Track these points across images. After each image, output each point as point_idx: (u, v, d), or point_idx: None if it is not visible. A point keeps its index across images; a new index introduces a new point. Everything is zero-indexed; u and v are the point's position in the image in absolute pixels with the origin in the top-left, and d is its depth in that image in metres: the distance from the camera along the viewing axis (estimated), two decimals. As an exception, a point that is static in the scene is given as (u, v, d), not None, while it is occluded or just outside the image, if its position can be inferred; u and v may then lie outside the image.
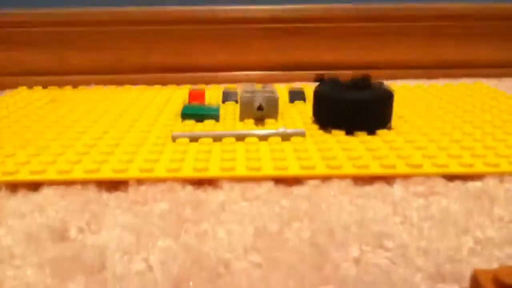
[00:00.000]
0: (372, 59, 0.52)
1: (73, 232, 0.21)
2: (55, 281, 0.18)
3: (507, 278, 0.16)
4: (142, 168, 0.26)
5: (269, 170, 0.26)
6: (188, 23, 0.50)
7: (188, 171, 0.26)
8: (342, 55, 0.52)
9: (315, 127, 0.33)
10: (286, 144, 0.30)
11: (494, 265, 0.19)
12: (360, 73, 0.49)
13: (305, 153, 0.28)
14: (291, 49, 0.52)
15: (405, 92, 0.44)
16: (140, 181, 0.25)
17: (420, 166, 0.26)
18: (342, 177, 0.26)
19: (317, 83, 0.43)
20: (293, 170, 0.26)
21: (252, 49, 0.52)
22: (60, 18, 0.50)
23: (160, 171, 0.26)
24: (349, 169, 0.26)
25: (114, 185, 0.26)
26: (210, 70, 0.51)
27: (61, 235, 0.21)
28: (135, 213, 0.23)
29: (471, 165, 0.27)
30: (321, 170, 0.26)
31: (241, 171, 0.26)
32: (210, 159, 0.28)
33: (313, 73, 0.51)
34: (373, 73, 0.50)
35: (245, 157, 0.28)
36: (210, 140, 0.30)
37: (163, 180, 0.25)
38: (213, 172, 0.26)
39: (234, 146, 0.30)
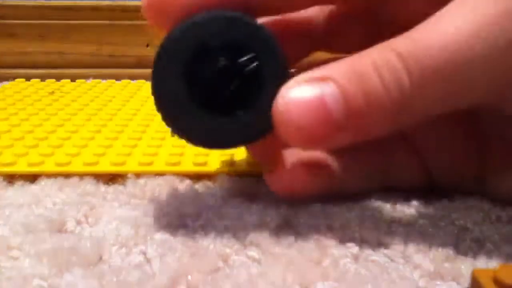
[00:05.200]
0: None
1: (70, 224, 0.21)
2: (52, 272, 0.18)
3: (507, 278, 0.16)
4: (141, 162, 0.26)
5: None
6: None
7: (187, 165, 0.26)
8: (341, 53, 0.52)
9: None
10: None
11: (493, 264, 0.19)
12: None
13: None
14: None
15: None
16: (138, 175, 0.25)
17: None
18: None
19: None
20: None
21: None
22: (58, 10, 0.49)
23: (159, 165, 0.26)
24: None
25: (112, 178, 0.26)
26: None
27: (58, 227, 0.21)
28: (133, 206, 0.23)
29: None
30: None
31: (240, 166, 0.26)
32: (210, 153, 0.27)
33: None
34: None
35: (244, 152, 0.28)
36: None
37: (161, 174, 0.25)
38: (212, 166, 0.26)
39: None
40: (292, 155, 0.22)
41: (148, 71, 0.19)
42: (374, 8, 0.22)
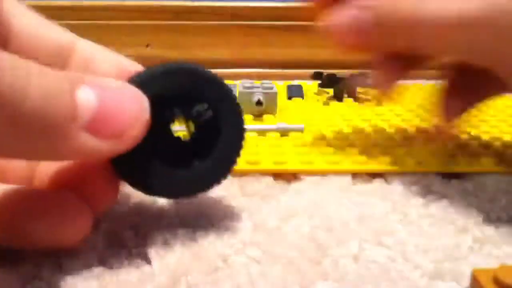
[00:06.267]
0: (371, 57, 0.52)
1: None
2: (52, 272, 0.18)
3: (507, 278, 0.16)
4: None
5: (268, 164, 0.26)
6: (188, 18, 0.50)
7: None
8: (341, 53, 0.52)
9: (314, 122, 0.33)
10: (284, 140, 0.30)
11: (493, 264, 0.19)
12: (358, 71, 0.49)
13: (303, 148, 0.28)
14: (290, 47, 0.52)
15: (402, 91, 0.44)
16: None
17: (419, 164, 0.26)
18: (341, 174, 0.26)
19: (314, 81, 0.43)
20: (292, 164, 0.26)
21: (251, 46, 0.52)
22: (58, 10, 0.49)
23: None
24: (349, 166, 0.26)
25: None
26: (209, 66, 0.51)
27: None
28: (133, 206, 0.23)
29: (470, 164, 0.27)
30: (320, 165, 0.26)
31: (241, 165, 0.26)
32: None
33: (311, 71, 0.51)
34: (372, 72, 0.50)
35: (243, 151, 0.28)
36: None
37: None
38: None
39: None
40: None
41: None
42: None
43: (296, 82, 0.46)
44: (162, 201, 0.23)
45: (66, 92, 0.15)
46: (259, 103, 0.34)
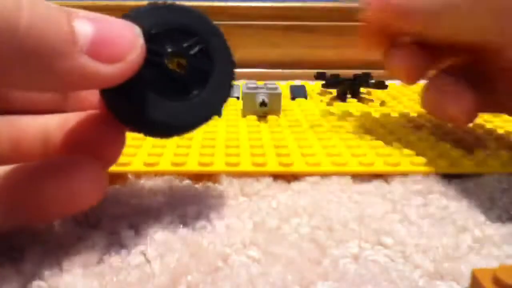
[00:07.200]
0: (374, 58, 0.52)
1: (70, 224, 0.21)
2: (52, 272, 0.18)
3: (507, 278, 0.16)
4: (146, 162, 0.26)
5: (273, 166, 0.26)
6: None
7: (192, 166, 0.26)
8: (343, 53, 0.52)
9: (320, 123, 0.33)
10: (290, 141, 0.30)
11: (493, 264, 0.19)
12: (360, 71, 0.50)
13: (309, 150, 0.28)
14: (292, 47, 0.52)
15: (406, 91, 0.44)
16: (139, 175, 0.25)
17: (421, 164, 0.26)
18: (342, 174, 0.26)
19: (317, 81, 0.43)
20: (297, 166, 0.26)
21: (252, 46, 0.52)
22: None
23: (164, 165, 0.26)
24: (353, 166, 0.26)
25: (112, 178, 0.26)
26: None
27: (58, 227, 0.21)
28: (133, 206, 0.23)
29: (470, 165, 0.27)
30: (325, 166, 0.26)
31: (246, 167, 0.26)
32: (215, 153, 0.27)
33: (311, 71, 0.51)
34: (374, 72, 0.50)
35: (249, 152, 0.28)
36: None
37: (161, 174, 0.25)
38: (217, 167, 0.26)
39: (238, 141, 0.30)
40: None
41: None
42: None
43: (299, 82, 0.46)
44: (162, 201, 0.23)
45: (62, 19, 0.16)
46: (263, 103, 0.34)
